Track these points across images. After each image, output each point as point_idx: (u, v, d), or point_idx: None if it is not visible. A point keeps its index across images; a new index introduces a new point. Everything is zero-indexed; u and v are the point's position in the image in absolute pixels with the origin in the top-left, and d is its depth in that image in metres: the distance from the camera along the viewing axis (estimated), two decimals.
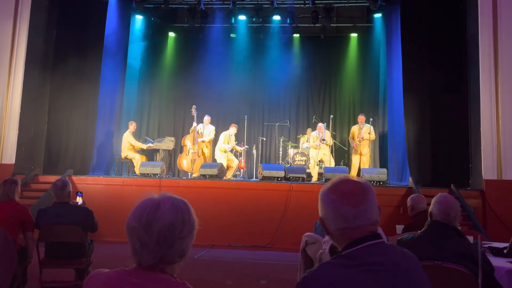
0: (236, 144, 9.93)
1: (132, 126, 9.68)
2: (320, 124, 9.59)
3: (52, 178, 8.12)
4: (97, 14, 9.81)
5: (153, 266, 1.17)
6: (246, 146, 10.10)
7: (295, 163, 9.59)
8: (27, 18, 8.94)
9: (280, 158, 10.53)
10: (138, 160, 9.24)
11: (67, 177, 7.81)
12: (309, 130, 10.54)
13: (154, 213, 1.19)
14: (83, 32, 10.01)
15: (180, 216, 1.22)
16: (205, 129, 9.86)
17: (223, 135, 9.74)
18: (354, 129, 9.65)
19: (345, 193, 1.27)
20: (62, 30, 9.86)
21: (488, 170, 7.64)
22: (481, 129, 7.82)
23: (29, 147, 9.05)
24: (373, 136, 9.51)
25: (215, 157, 9.84)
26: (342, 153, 10.85)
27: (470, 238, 3.17)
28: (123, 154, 9.45)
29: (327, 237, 2.34)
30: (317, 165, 9.38)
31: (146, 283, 1.14)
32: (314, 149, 9.33)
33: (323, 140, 9.32)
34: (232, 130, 9.80)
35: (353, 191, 1.27)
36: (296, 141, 10.84)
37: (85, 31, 10.03)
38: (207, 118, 9.88)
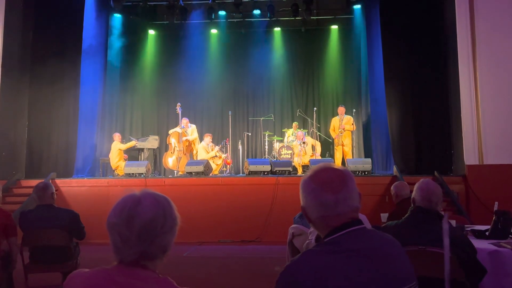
0: (220, 147, 9.86)
1: (117, 137, 9.62)
2: (299, 133, 9.70)
3: (35, 182, 7.86)
4: (74, 15, 9.62)
5: (134, 262, 1.16)
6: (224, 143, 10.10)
7: (281, 156, 9.62)
8: (1, 20, 8.73)
9: (266, 152, 10.54)
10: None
11: (50, 181, 7.67)
12: (295, 123, 10.57)
13: (135, 209, 1.18)
14: (60, 33, 9.81)
15: (162, 211, 1.21)
16: (187, 130, 9.81)
17: (201, 148, 9.63)
18: (335, 121, 9.75)
19: (325, 181, 1.27)
20: (38, 32, 9.66)
21: (469, 155, 7.79)
22: (461, 115, 7.97)
23: (9, 152, 8.86)
24: (354, 126, 9.62)
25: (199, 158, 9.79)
26: (327, 144, 10.91)
27: (453, 222, 3.23)
28: (114, 165, 9.38)
29: (312, 228, 2.36)
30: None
31: (128, 280, 1.13)
32: (298, 157, 9.42)
33: (304, 143, 9.45)
34: (207, 139, 9.67)
35: (333, 179, 1.27)
36: (282, 135, 10.86)
37: (62, 32, 9.84)
38: (186, 121, 9.81)
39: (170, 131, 9.85)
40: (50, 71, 9.42)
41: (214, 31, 11.92)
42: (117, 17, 11.07)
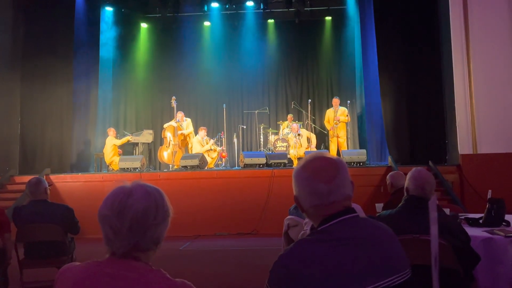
0: (215, 141, 9.81)
1: (112, 132, 9.56)
2: (294, 125, 9.69)
3: (29, 178, 7.90)
4: (65, 8, 9.50)
5: (126, 254, 1.15)
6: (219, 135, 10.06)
7: (277, 149, 9.63)
8: None
9: (261, 145, 10.53)
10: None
11: (44, 176, 7.64)
12: (289, 116, 10.56)
13: (126, 200, 1.16)
14: (51, 27, 9.68)
15: (153, 203, 1.19)
16: (182, 124, 9.78)
17: (196, 142, 9.56)
18: (329, 112, 9.75)
19: (317, 170, 1.27)
20: (29, 27, 9.53)
21: (463, 145, 7.83)
22: (455, 105, 7.99)
23: (2, 148, 8.80)
24: (348, 118, 9.62)
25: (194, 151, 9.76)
26: (322, 136, 10.93)
27: (447, 211, 3.25)
28: (108, 160, 9.33)
29: (307, 219, 2.36)
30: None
31: (120, 272, 1.12)
32: (294, 149, 9.41)
33: (299, 135, 9.45)
34: (202, 133, 9.62)
35: (325, 168, 1.27)
36: (277, 127, 10.86)
37: (54, 26, 9.71)
38: (181, 115, 9.76)
39: (165, 125, 9.81)
40: (42, 65, 9.32)
41: (207, 23, 11.85)
42: (108, 10, 10.96)
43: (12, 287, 3.90)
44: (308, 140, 9.80)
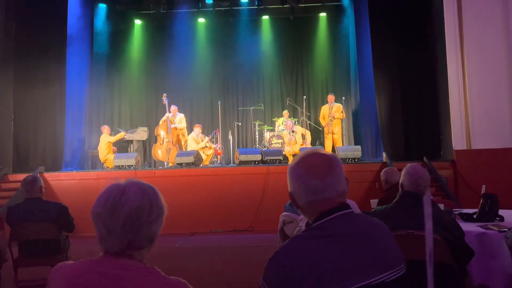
0: (209, 138, 9.76)
1: (106, 129, 9.49)
2: (289, 122, 9.69)
3: (23, 177, 7.77)
4: (58, 4, 9.42)
5: (120, 253, 1.14)
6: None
7: (272, 146, 9.62)
8: None
9: (257, 142, 10.53)
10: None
11: (38, 174, 7.58)
12: (285, 112, 10.55)
13: (120, 198, 1.15)
14: (44, 24, 9.60)
15: (147, 200, 1.18)
16: (175, 118, 9.73)
17: (191, 139, 9.50)
18: (324, 109, 9.75)
19: (312, 166, 1.26)
20: (22, 23, 9.44)
21: (457, 141, 7.89)
22: (449, 101, 8.04)
23: None
24: (343, 114, 9.63)
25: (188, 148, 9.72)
26: (317, 133, 10.93)
27: (441, 206, 3.27)
28: (103, 158, 9.26)
29: (303, 215, 2.36)
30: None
31: (113, 271, 1.11)
32: (288, 146, 9.41)
33: (293, 131, 9.44)
34: (197, 130, 9.54)
35: (320, 164, 1.27)
36: (272, 124, 10.85)
37: (47, 23, 9.63)
38: (174, 109, 9.71)
39: (160, 123, 9.77)
40: (35, 63, 9.25)
41: (201, 20, 11.79)
42: (102, 7, 10.87)
43: (7, 286, 3.87)
44: (303, 136, 9.80)
